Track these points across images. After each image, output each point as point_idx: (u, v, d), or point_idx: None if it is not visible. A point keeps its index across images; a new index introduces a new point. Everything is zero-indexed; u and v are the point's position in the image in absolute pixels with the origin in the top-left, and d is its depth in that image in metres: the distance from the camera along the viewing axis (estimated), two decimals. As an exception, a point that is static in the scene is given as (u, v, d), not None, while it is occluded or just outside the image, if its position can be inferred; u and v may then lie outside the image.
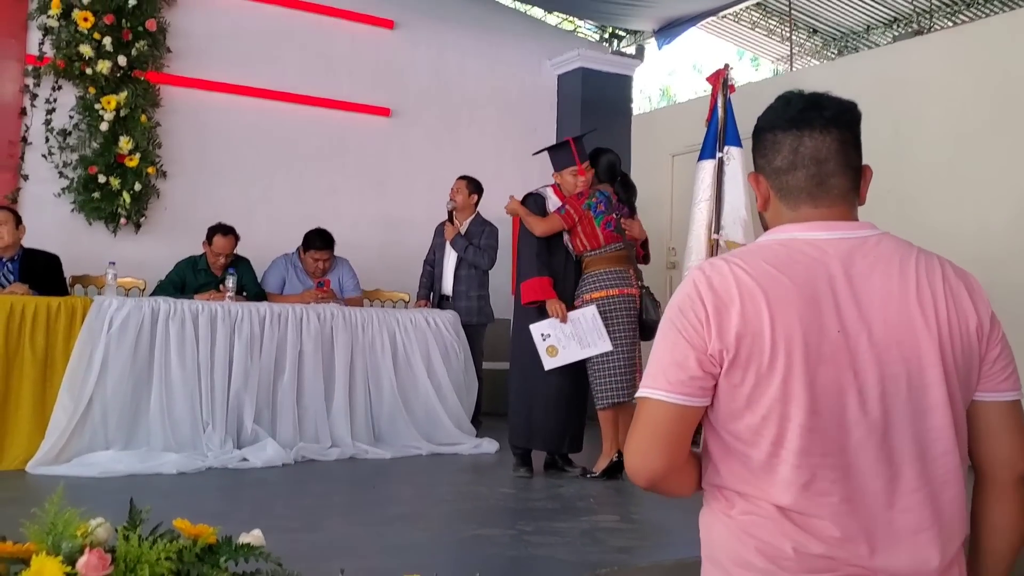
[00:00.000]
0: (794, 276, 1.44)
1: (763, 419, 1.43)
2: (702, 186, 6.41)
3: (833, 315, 1.42)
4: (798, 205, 1.53)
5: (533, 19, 8.63)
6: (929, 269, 1.48)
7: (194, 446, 4.70)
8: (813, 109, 1.52)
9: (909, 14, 9.34)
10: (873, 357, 1.42)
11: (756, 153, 1.60)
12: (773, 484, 1.43)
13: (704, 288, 1.45)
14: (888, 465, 1.42)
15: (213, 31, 6.71)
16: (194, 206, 6.44)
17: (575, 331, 4.57)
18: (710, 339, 1.43)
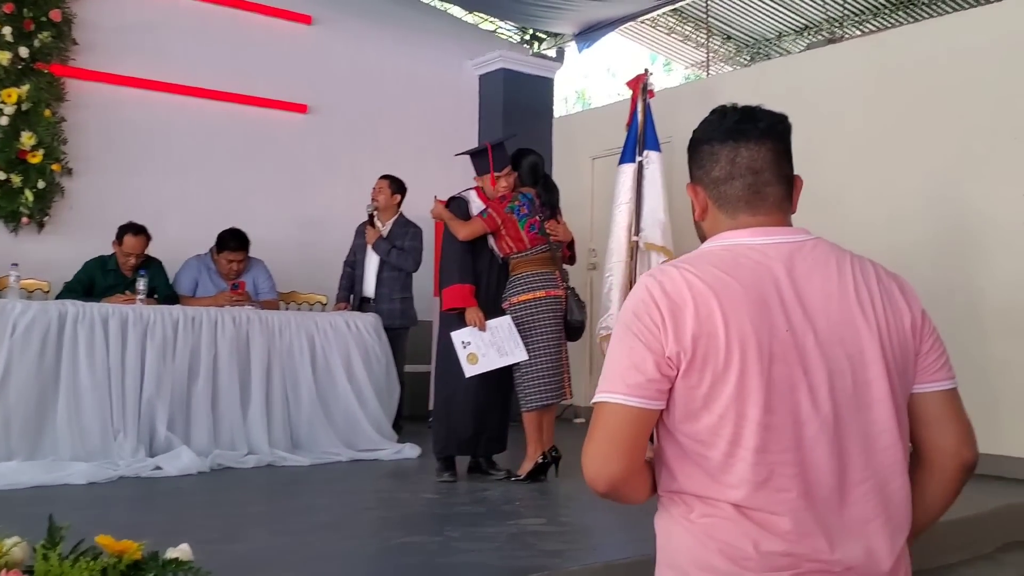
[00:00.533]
0: (741, 279, 1.48)
1: (720, 418, 1.46)
2: (622, 189, 6.48)
3: (781, 315, 1.47)
4: (736, 213, 1.58)
5: (454, 18, 8.58)
6: (863, 270, 1.55)
7: (104, 455, 4.51)
8: (748, 121, 1.58)
9: (819, 22, 9.60)
10: (820, 354, 1.47)
11: (693, 164, 1.65)
12: (731, 483, 1.46)
13: (658, 293, 1.49)
14: (838, 459, 1.47)
15: (123, 23, 6.46)
16: (102, 205, 6.19)
17: (494, 339, 4.56)
18: (667, 342, 1.46)
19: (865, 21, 9.34)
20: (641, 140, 6.45)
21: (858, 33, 9.09)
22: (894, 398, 1.50)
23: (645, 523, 3.78)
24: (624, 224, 6.44)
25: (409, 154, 7.46)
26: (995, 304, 5.22)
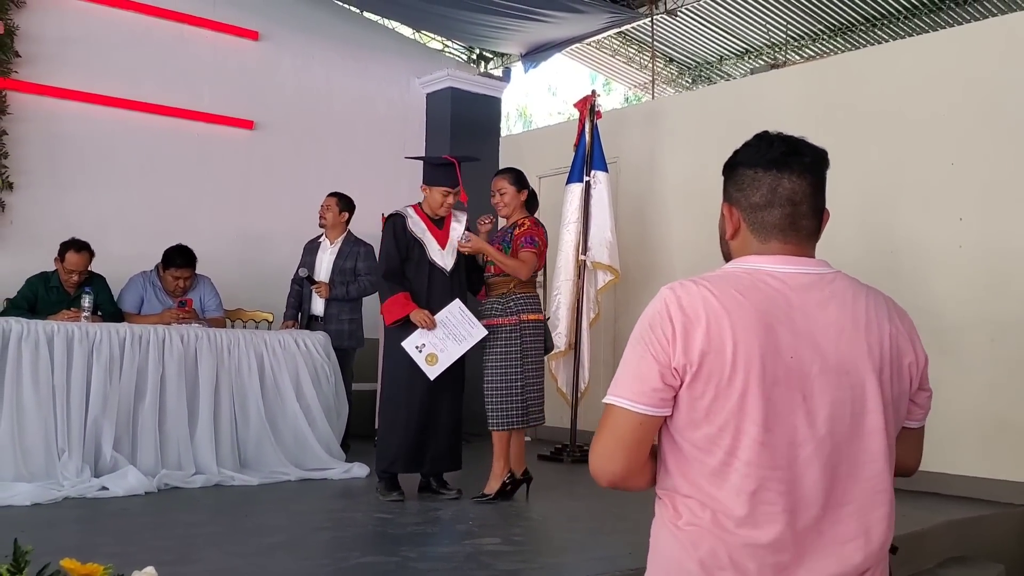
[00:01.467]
0: (756, 302, 1.55)
1: (720, 430, 1.54)
2: (570, 208, 6.57)
3: (788, 341, 1.55)
4: (769, 240, 1.65)
5: (401, 36, 8.61)
6: (878, 308, 1.64)
7: (48, 475, 4.41)
8: (795, 155, 1.65)
9: (760, 47, 9.83)
10: (823, 383, 1.55)
11: (732, 185, 1.70)
12: (723, 489, 1.55)
13: (674, 307, 1.56)
14: (827, 481, 1.56)
15: (66, 36, 6.37)
16: (44, 220, 6.08)
17: (447, 331, 4.56)
18: (674, 355, 1.54)
19: (804, 47, 9.61)
20: (588, 160, 6.55)
21: (798, 59, 9.35)
22: (887, 431, 1.60)
23: (599, 542, 3.83)
24: (572, 243, 6.53)
25: (356, 171, 7.46)
26: (932, 325, 5.37)
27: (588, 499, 5.01)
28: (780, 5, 8.82)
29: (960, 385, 5.22)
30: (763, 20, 9.16)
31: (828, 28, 9.28)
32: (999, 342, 5.14)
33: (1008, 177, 5.16)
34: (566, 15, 7.78)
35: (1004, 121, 5.20)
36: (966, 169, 5.33)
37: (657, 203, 7.05)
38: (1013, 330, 5.08)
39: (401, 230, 4.69)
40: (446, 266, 4.71)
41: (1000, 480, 5.04)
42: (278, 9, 7.38)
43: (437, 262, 4.70)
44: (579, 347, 6.40)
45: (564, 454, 6.33)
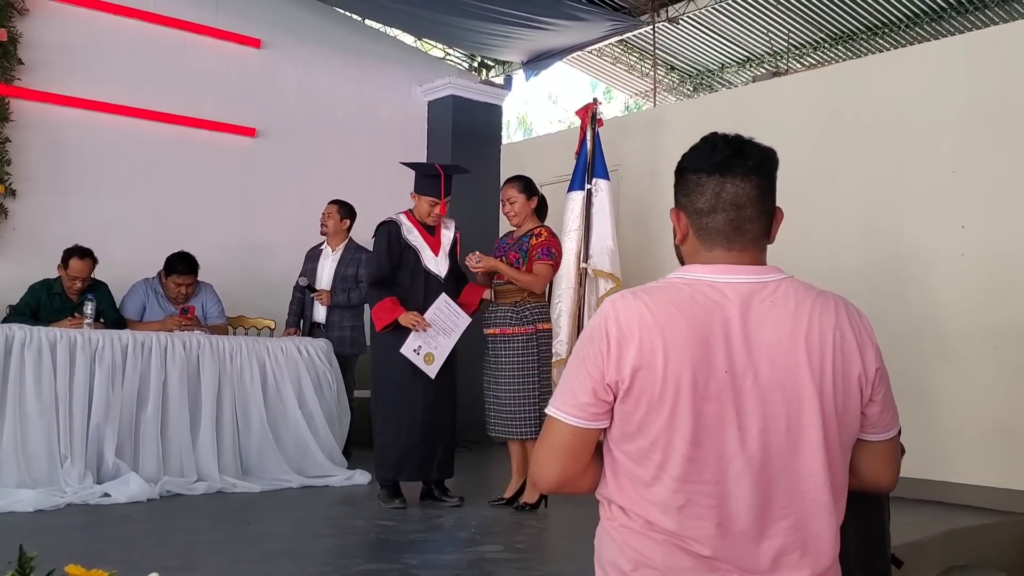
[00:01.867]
0: (691, 317, 1.53)
1: (651, 444, 1.54)
2: (572, 216, 6.57)
3: (723, 355, 1.52)
4: (713, 246, 1.61)
5: (403, 44, 8.62)
6: (823, 317, 1.57)
7: (51, 482, 4.42)
8: (737, 156, 1.60)
9: (761, 55, 9.85)
10: (756, 397, 1.52)
11: (679, 190, 1.68)
12: (652, 503, 1.55)
13: (611, 322, 1.55)
14: (762, 496, 1.53)
15: (69, 43, 6.38)
16: (47, 227, 6.08)
17: (437, 327, 4.59)
18: (608, 370, 1.54)
19: (806, 55, 9.62)
20: (590, 168, 6.55)
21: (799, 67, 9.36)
22: (827, 445, 1.54)
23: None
24: (573, 251, 6.52)
25: (357, 179, 7.47)
26: (934, 333, 5.40)
27: (589, 507, 4.98)
28: (782, 13, 8.84)
29: (963, 393, 5.22)
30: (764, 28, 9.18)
31: (829, 36, 9.30)
32: (1002, 349, 5.14)
33: (1010, 185, 5.17)
34: (567, 23, 7.80)
35: (1005, 129, 5.21)
36: (968, 177, 5.34)
37: (658, 211, 7.05)
38: (1016, 337, 5.08)
39: (395, 237, 4.70)
40: (440, 272, 4.73)
41: (1003, 489, 5.03)
42: (280, 17, 7.40)
43: (432, 269, 4.72)
44: (581, 355, 6.38)
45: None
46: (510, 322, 4.69)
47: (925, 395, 5.32)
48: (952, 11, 8.52)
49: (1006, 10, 8.28)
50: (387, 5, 7.50)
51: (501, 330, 4.71)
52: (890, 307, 5.55)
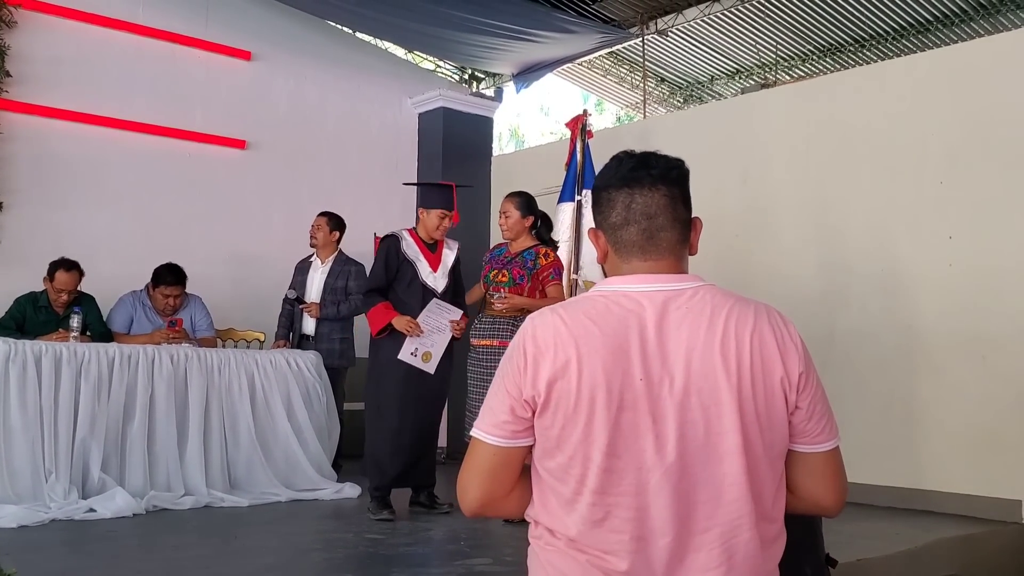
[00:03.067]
0: (605, 327, 1.53)
1: (570, 459, 1.53)
2: (562, 228, 6.56)
3: (639, 364, 1.51)
4: (630, 258, 1.62)
5: (394, 56, 8.63)
6: (740, 321, 1.55)
7: (35, 497, 4.37)
8: (642, 168, 1.64)
9: (750, 67, 9.89)
10: (673, 404, 1.51)
11: (595, 210, 1.70)
12: (571, 519, 1.54)
13: (528, 338, 1.57)
14: (682, 506, 1.51)
15: (57, 56, 6.36)
16: (34, 239, 6.05)
17: (431, 327, 4.66)
18: (525, 386, 1.55)
19: (794, 67, 9.66)
20: (580, 179, 6.55)
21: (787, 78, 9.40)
22: (747, 451, 1.51)
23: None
24: (564, 262, 6.51)
25: (348, 191, 7.46)
26: (923, 344, 5.40)
27: (580, 519, 4.99)
28: (770, 26, 8.88)
29: (951, 403, 5.23)
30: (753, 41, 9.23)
31: (817, 48, 9.35)
32: (990, 360, 5.15)
33: (997, 196, 5.19)
34: (558, 35, 7.82)
35: (992, 140, 5.23)
36: (955, 188, 5.36)
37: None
38: (1003, 348, 5.09)
39: (394, 252, 4.77)
40: (437, 287, 4.78)
41: (993, 498, 5.03)
42: (270, 29, 7.39)
43: (428, 283, 4.77)
44: (571, 366, 6.38)
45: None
46: (509, 334, 4.76)
47: (913, 405, 5.32)
48: (938, 24, 8.57)
49: (991, 23, 8.34)
50: (378, 18, 7.51)
51: (501, 342, 4.77)
52: (878, 318, 5.56)
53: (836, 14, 8.57)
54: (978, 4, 8.16)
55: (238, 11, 7.22)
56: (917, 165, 5.54)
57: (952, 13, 8.37)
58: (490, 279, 4.91)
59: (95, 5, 6.55)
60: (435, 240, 4.85)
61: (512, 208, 4.92)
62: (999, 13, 8.16)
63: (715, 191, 6.34)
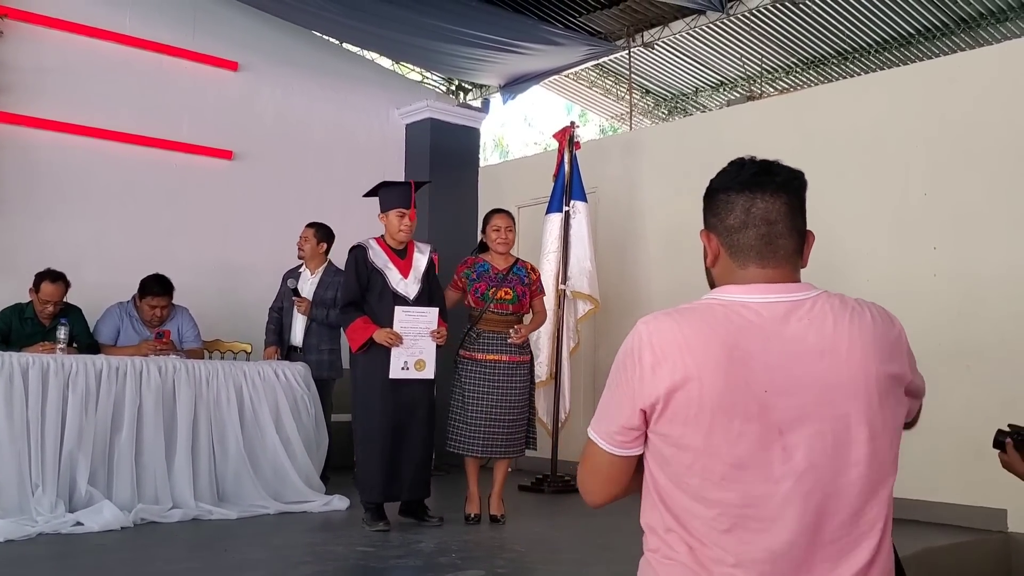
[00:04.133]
0: (726, 337, 1.50)
1: (687, 468, 1.50)
2: (550, 238, 6.60)
3: (763, 376, 1.49)
4: (747, 263, 1.60)
5: (381, 67, 8.65)
6: (862, 328, 1.54)
7: (21, 510, 4.32)
8: (766, 174, 1.62)
9: (734, 79, 9.96)
10: (799, 416, 1.49)
11: (708, 211, 1.67)
12: (696, 527, 1.51)
13: (644, 344, 1.53)
14: (813, 517, 1.48)
15: (43, 66, 6.34)
16: (19, 250, 6.01)
17: (412, 335, 4.66)
18: (642, 394, 1.52)
19: (778, 79, 9.74)
20: (568, 190, 6.59)
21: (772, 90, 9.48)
22: (874, 460, 1.52)
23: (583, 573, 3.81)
24: (552, 273, 6.54)
25: (335, 202, 7.44)
26: (907, 353, 5.43)
27: (570, 529, 5.00)
28: (754, 39, 8.95)
29: (937, 412, 5.23)
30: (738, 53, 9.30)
31: (801, 61, 9.43)
32: (975, 369, 5.19)
33: (980, 206, 5.24)
34: (544, 47, 7.86)
35: (975, 152, 5.29)
36: (939, 199, 5.41)
37: (636, 233, 7.09)
38: (988, 357, 5.13)
39: (362, 262, 4.77)
40: (409, 294, 4.77)
41: (978, 507, 5.07)
42: (257, 40, 7.39)
43: (399, 291, 4.75)
44: (560, 377, 6.40)
45: (545, 484, 6.30)
46: (515, 351, 4.96)
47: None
48: (920, 37, 8.67)
49: (972, 37, 8.44)
50: (365, 29, 7.53)
51: (511, 358, 4.93)
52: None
53: (820, 27, 8.66)
54: (959, 18, 8.26)
55: (225, 21, 7.22)
56: (902, 177, 5.59)
57: (933, 27, 8.47)
58: (489, 296, 4.94)
59: (82, 15, 6.54)
60: (403, 245, 4.84)
61: (512, 224, 5.13)
62: (979, 27, 8.26)
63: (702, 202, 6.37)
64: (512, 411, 4.89)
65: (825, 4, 8.10)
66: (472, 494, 4.94)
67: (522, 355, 4.99)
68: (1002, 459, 2.41)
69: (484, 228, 5.17)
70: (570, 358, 6.47)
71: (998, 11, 8.03)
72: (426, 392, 4.76)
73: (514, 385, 4.90)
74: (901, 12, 8.20)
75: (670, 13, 8.25)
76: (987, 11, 8.05)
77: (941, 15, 8.22)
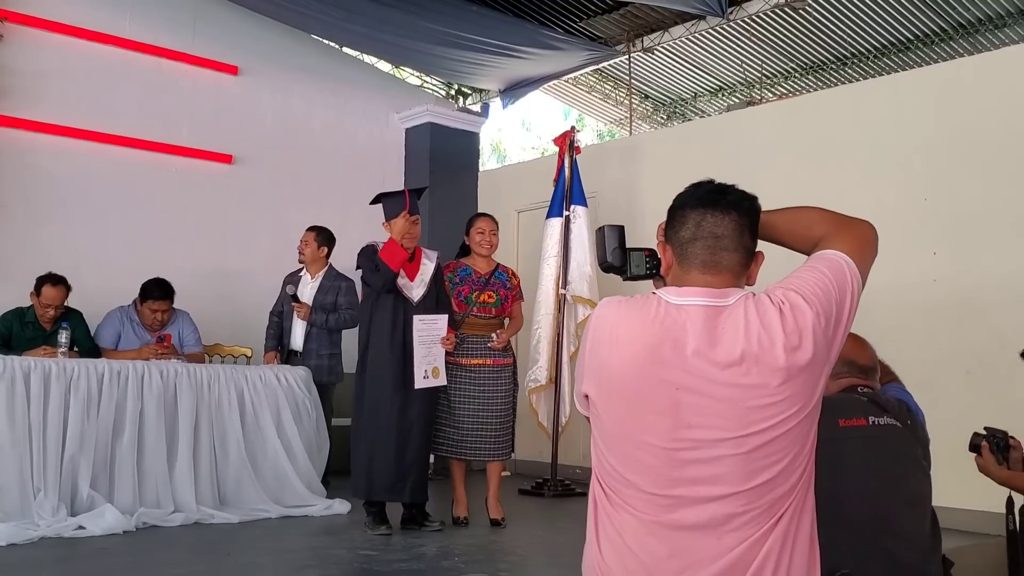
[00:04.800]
0: (650, 332, 1.64)
1: (607, 449, 1.70)
2: (550, 243, 6.61)
3: (679, 373, 1.60)
4: (690, 271, 1.73)
5: (381, 72, 8.65)
6: (769, 328, 1.61)
7: (24, 514, 4.32)
8: (718, 193, 1.77)
9: (732, 84, 9.98)
10: (707, 413, 1.60)
11: (668, 227, 1.82)
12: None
13: (593, 324, 1.75)
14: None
15: (43, 69, 6.33)
16: (19, 254, 6.01)
17: (427, 344, 4.71)
18: (585, 369, 1.74)
19: (776, 84, 9.76)
20: (568, 195, 6.61)
21: (770, 96, 9.50)
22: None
23: None
24: (552, 277, 6.56)
25: (335, 206, 7.44)
26: (908, 358, 5.40)
27: (572, 533, 4.97)
28: (754, 44, 8.96)
29: (936, 417, 5.21)
30: (738, 58, 9.31)
31: (800, 66, 9.44)
32: (974, 374, 5.21)
33: (980, 211, 5.27)
34: (544, 52, 7.86)
35: (975, 157, 5.31)
36: (939, 204, 5.43)
37: (636, 237, 7.03)
38: (987, 362, 5.15)
39: (372, 255, 4.79)
40: (413, 297, 4.81)
41: (978, 511, 5.06)
42: (257, 44, 7.39)
43: (404, 292, 4.78)
44: (559, 381, 6.41)
45: (545, 488, 6.30)
46: (499, 354, 5.02)
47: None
48: (918, 43, 8.68)
49: (970, 43, 8.46)
50: (365, 32, 7.53)
51: (495, 361, 5.01)
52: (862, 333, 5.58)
53: (819, 33, 8.67)
54: (957, 24, 8.28)
55: (225, 25, 7.22)
56: (902, 182, 5.61)
57: (932, 32, 8.49)
58: (473, 300, 5.01)
59: (82, 19, 6.53)
60: (410, 250, 4.83)
61: (496, 228, 5.23)
62: (978, 33, 8.28)
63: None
64: (498, 414, 4.96)
65: (824, 10, 8.11)
66: (459, 496, 4.99)
67: (505, 358, 5.06)
68: (978, 462, 2.50)
69: (467, 231, 5.22)
70: (570, 362, 6.47)
71: (996, 17, 8.05)
72: (431, 397, 4.80)
73: (499, 388, 4.98)
74: (900, 18, 8.21)
75: (670, 18, 8.26)
76: (985, 17, 8.06)
77: (940, 21, 8.23)
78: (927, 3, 7.95)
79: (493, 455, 4.96)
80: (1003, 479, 2.49)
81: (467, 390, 4.92)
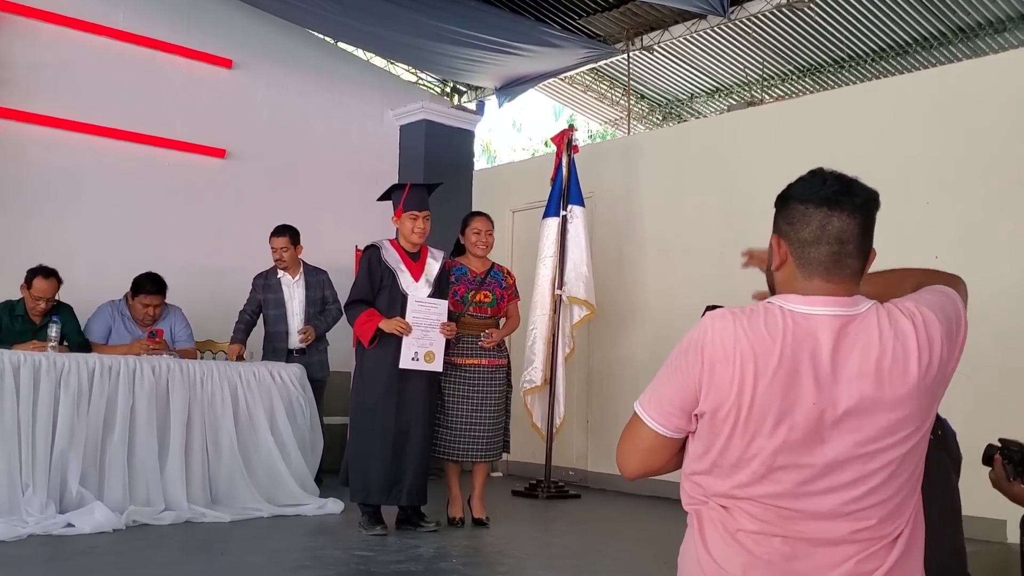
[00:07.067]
0: (784, 346, 1.55)
1: (733, 467, 1.59)
2: (546, 243, 6.55)
3: (812, 388, 1.53)
4: (812, 277, 1.63)
5: (376, 68, 8.59)
6: (905, 339, 1.56)
7: (11, 511, 4.23)
8: (847, 194, 1.64)
9: (730, 85, 9.96)
10: (840, 428, 1.54)
11: (782, 219, 1.70)
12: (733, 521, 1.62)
13: (708, 340, 1.59)
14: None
15: (37, 61, 6.25)
16: (10, 247, 5.92)
17: (424, 326, 4.63)
18: (699, 388, 1.59)
19: (774, 86, 9.75)
20: (565, 195, 6.55)
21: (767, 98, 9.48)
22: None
23: (588, 579, 3.74)
24: (548, 277, 6.50)
25: (328, 202, 7.39)
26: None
27: (569, 535, 4.95)
28: (753, 45, 8.95)
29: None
30: (736, 60, 9.30)
31: (798, 69, 9.44)
32: (975, 380, 5.16)
33: (982, 216, 5.23)
34: (542, 49, 7.81)
35: (977, 161, 5.28)
36: (941, 209, 5.40)
37: (633, 238, 7.05)
38: (988, 368, 5.11)
39: (376, 261, 4.75)
40: (418, 297, 4.72)
41: (978, 517, 5.02)
42: (252, 38, 7.32)
43: (409, 293, 4.71)
44: (554, 382, 6.35)
45: (539, 490, 6.25)
46: (495, 355, 4.97)
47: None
48: (917, 46, 8.68)
49: (969, 47, 8.47)
50: (360, 28, 7.46)
51: (489, 361, 4.95)
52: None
53: (817, 34, 8.67)
54: (956, 28, 8.28)
55: (220, 19, 7.15)
56: (903, 186, 5.57)
57: (931, 36, 8.49)
58: (469, 299, 4.96)
59: (75, 10, 6.45)
60: (416, 248, 4.81)
61: (491, 227, 5.16)
62: (977, 37, 8.29)
63: (700, 208, 6.36)
64: (492, 415, 4.91)
65: (824, 11, 8.10)
66: (454, 497, 4.95)
67: (499, 358, 5.00)
68: (991, 476, 2.40)
69: (463, 230, 5.16)
70: (565, 364, 6.42)
71: (996, 21, 8.05)
72: (430, 398, 4.72)
73: (493, 389, 4.94)
74: (900, 21, 8.21)
75: (671, 17, 8.23)
76: (985, 21, 8.07)
77: (939, 24, 8.23)
78: (927, 6, 7.95)
79: (483, 456, 4.90)
80: (1013, 495, 2.41)
81: (460, 390, 4.87)
